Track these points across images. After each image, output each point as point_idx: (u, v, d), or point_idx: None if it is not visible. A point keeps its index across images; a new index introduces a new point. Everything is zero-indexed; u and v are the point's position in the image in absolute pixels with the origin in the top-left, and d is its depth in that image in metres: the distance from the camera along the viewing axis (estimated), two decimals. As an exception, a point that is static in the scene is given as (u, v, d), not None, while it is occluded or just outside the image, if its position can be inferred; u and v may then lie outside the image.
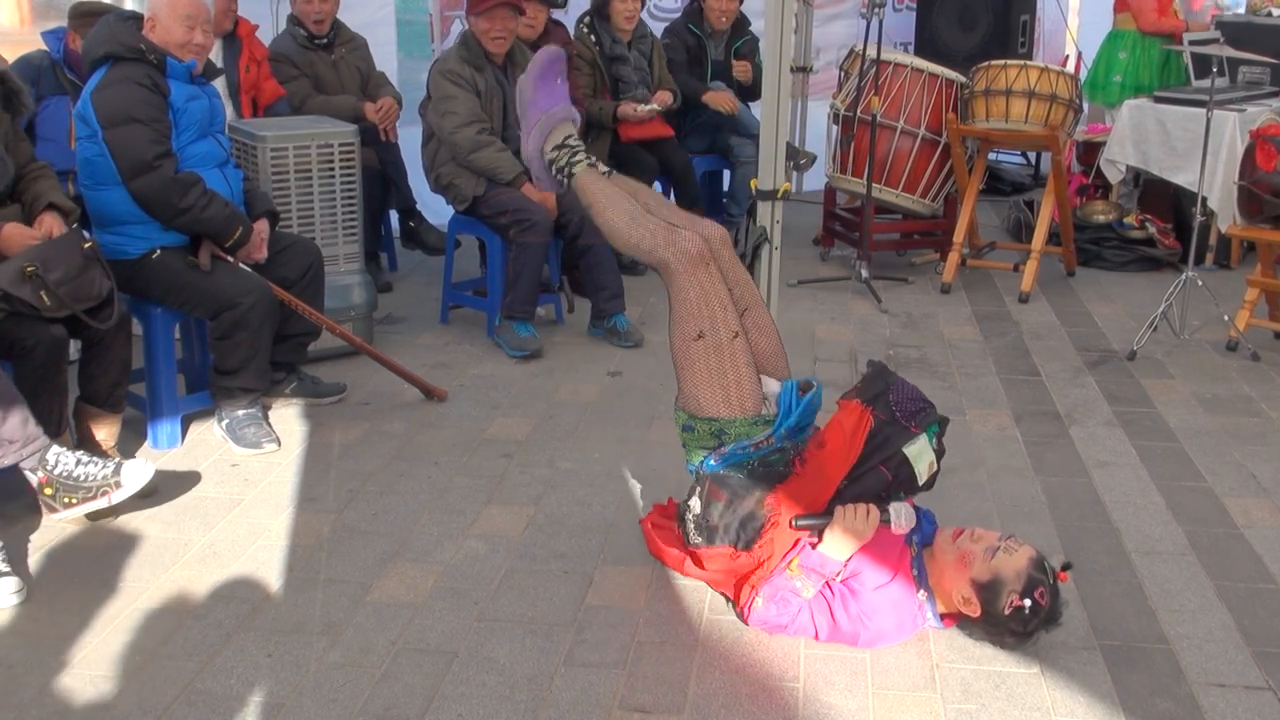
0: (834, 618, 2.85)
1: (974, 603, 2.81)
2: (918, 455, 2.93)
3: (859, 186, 6.08)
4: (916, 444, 2.93)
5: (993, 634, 2.86)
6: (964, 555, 2.84)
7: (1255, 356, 5.05)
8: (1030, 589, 2.76)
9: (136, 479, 3.29)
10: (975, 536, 2.87)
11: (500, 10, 4.95)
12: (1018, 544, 2.84)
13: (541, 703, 2.66)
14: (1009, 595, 2.76)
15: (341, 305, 4.75)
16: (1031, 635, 2.83)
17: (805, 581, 2.87)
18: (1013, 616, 2.77)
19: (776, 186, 3.75)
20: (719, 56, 6.71)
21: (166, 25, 3.86)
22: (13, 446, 3.15)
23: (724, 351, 2.96)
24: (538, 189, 3.50)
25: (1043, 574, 2.79)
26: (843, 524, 2.86)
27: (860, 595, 2.87)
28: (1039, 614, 2.78)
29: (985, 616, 2.81)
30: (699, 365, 2.98)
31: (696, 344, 2.96)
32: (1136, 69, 7.36)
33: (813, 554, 2.88)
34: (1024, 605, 2.75)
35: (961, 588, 2.82)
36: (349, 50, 5.81)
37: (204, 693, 2.68)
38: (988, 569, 2.79)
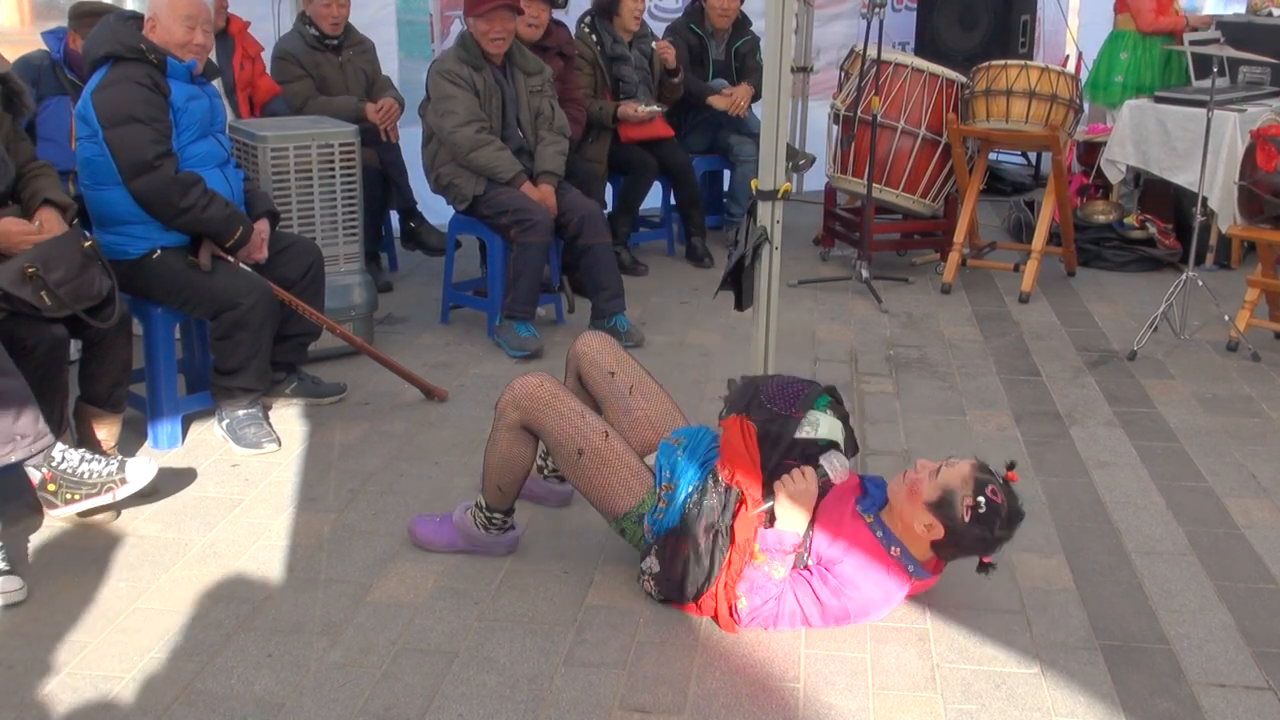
0: (817, 597, 2.88)
1: (935, 525, 2.86)
2: (820, 430, 3.00)
3: (859, 186, 6.08)
4: (809, 423, 3.00)
5: (965, 549, 2.91)
6: (913, 486, 2.90)
7: (1256, 357, 5.05)
8: (980, 488, 2.82)
9: (140, 477, 3.30)
10: (918, 466, 2.93)
11: (499, 12, 4.95)
12: (958, 458, 2.91)
13: (542, 703, 2.66)
14: (962, 501, 2.82)
15: (342, 305, 4.75)
16: (1000, 537, 2.87)
17: (773, 563, 2.89)
18: (972, 521, 2.82)
19: (777, 186, 3.75)
20: (720, 56, 6.72)
21: (167, 25, 3.86)
22: (24, 441, 3.15)
23: (605, 454, 3.06)
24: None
25: (989, 474, 2.86)
26: (785, 493, 2.91)
27: (833, 567, 2.90)
28: (997, 510, 2.83)
29: (949, 533, 2.86)
30: (594, 478, 3.08)
31: (581, 462, 3.06)
32: (1138, 69, 7.36)
33: (769, 534, 2.90)
34: (979, 503, 2.81)
35: (920, 515, 2.87)
36: (357, 53, 5.81)
37: (204, 693, 2.69)
38: (935, 487, 2.86)
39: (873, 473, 3.43)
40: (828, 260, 6.58)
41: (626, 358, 3.42)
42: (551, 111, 5.24)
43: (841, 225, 6.60)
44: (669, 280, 6.18)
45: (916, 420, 4.34)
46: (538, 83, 5.21)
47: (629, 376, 3.36)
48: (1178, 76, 7.34)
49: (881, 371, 4.87)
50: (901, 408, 4.46)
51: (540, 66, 5.25)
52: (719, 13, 6.59)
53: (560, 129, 5.25)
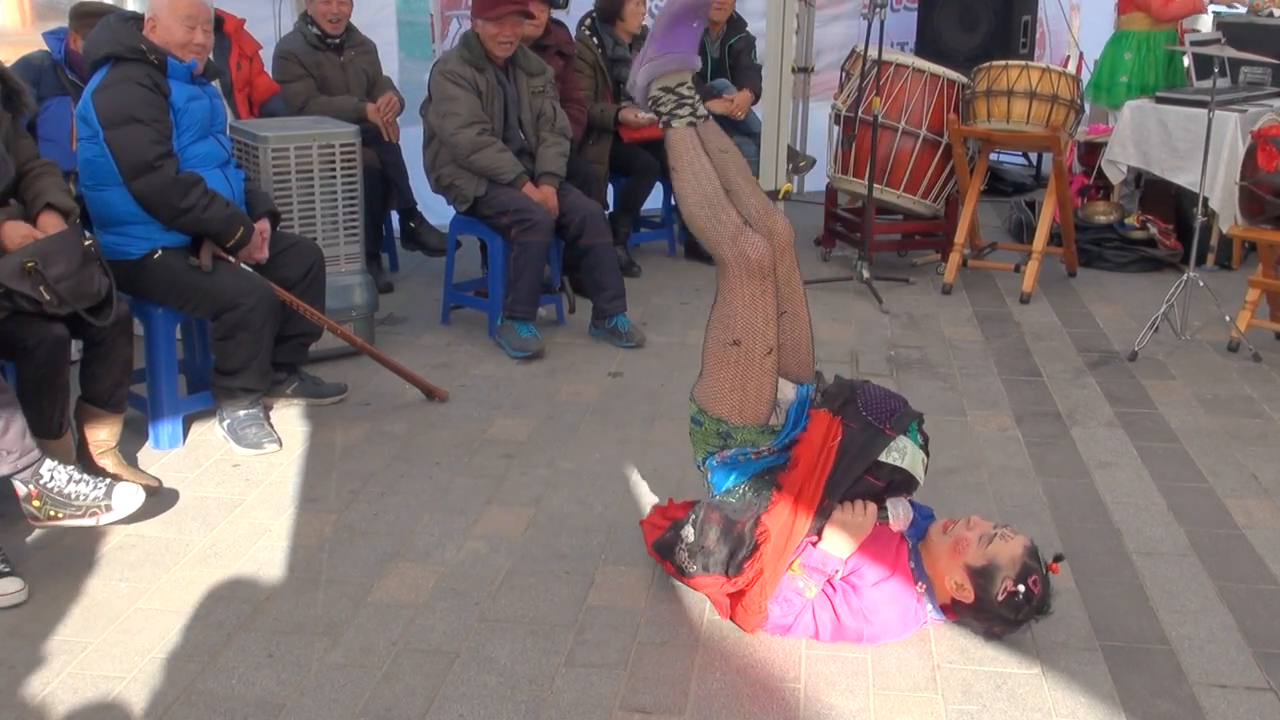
0: (837, 615, 2.86)
1: (967, 588, 2.83)
2: (905, 459, 2.93)
3: (860, 187, 6.08)
4: (897, 448, 2.92)
5: (984, 621, 2.87)
6: (959, 542, 2.86)
7: (1256, 357, 5.05)
8: (1024, 575, 2.78)
9: (127, 505, 3.27)
10: (971, 524, 2.89)
11: (511, 16, 4.95)
12: (1013, 533, 2.87)
13: (542, 703, 2.66)
14: (1003, 581, 2.78)
15: (343, 305, 4.76)
16: (1022, 623, 2.85)
17: (808, 581, 2.87)
18: (1006, 602, 2.79)
19: (778, 187, 3.75)
20: (716, 54, 6.71)
21: (167, 25, 3.86)
22: (10, 457, 3.15)
23: (753, 364, 2.98)
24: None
25: (1036, 562, 2.82)
26: (841, 520, 2.88)
27: (861, 591, 2.88)
28: (1031, 601, 2.80)
29: (978, 602, 2.82)
30: (726, 369, 2.99)
31: (730, 349, 2.98)
32: (1143, 70, 7.34)
33: (814, 552, 2.88)
34: (1018, 591, 2.77)
35: (956, 573, 2.84)
36: (358, 53, 5.81)
37: (205, 693, 2.69)
38: (983, 555, 2.81)
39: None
40: (829, 261, 6.58)
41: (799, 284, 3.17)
42: (553, 113, 5.24)
43: (842, 226, 6.59)
44: (670, 280, 6.18)
45: (917, 421, 4.34)
46: (540, 84, 5.21)
47: (794, 300, 3.15)
48: (1182, 77, 7.34)
49: (882, 372, 4.87)
50: (902, 408, 4.46)
51: (543, 67, 5.25)
52: (715, 8, 6.58)
53: (562, 130, 5.25)
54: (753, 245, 2.95)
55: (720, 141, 3.21)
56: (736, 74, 6.72)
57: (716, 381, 3.01)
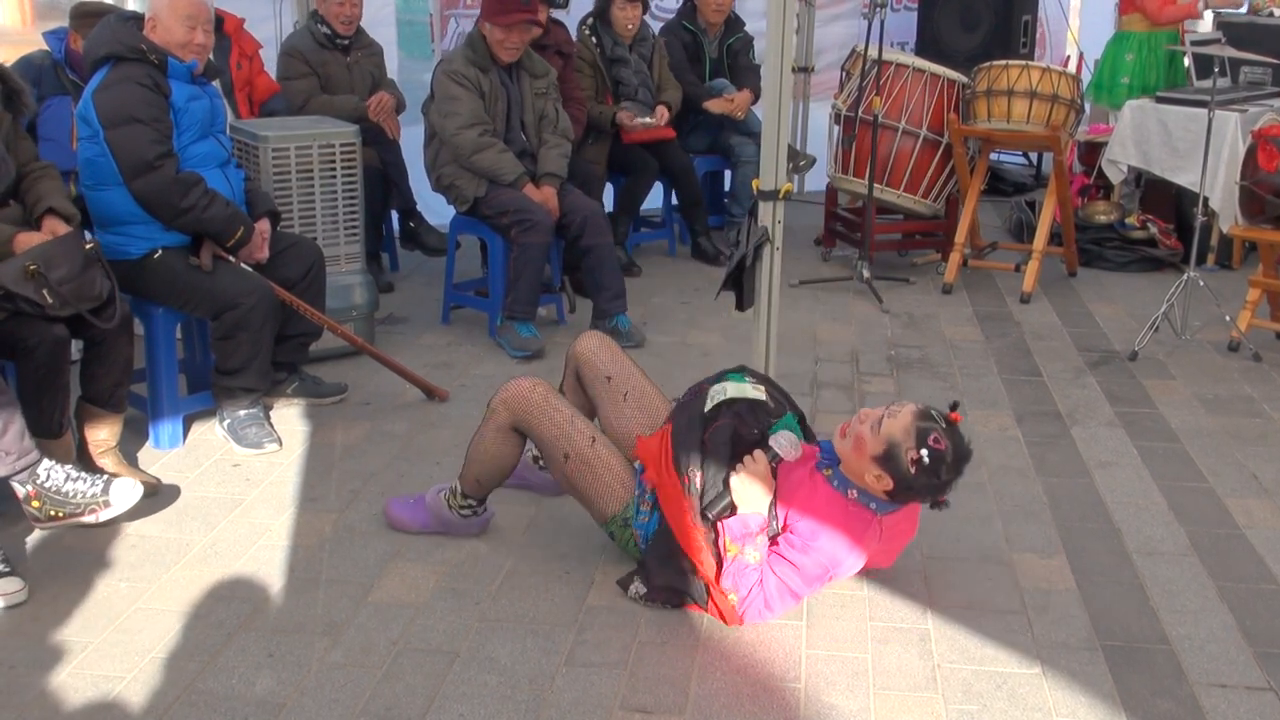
0: (791, 561, 2.88)
1: (884, 476, 2.85)
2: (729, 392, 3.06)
3: (860, 187, 6.08)
4: (717, 389, 3.08)
5: (916, 496, 2.91)
6: (857, 440, 2.88)
7: (1257, 357, 5.05)
8: (923, 438, 2.80)
9: (125, 500, 3.27)
10: (860, 418, 2.92)
11: (521, 24, 4.96)
12: (900, 405, 2.88)
13: (543, 703, 2.66)
14: (906, 454, 2.80)
15: (343, 305, 4.75)
16: (948, 481, 2.86)
17: (745, 549, 2.89)
18: (918, 472, 2.81)
19: (778, 186, 3.75)
20: (714, 54, 6.71)
21: (167, 25, 3.86)
22: (9, 458, 3.15)
23: (589, 459, 3.09)
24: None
25: (931, 421, 2.83)
26: (740, 478, 2.92)
27: (795, 527, 2.91)
28: (942, 457, 2.81)
29: (897, 484, 2.85)
30: (581, 482, 3.12)
31: (567, 464, 3.10)
32: (1144, 70, 7.34)
33: (731, 522, 2.91)
34: (921, 456, 2.79)
35: (869, 469, 2.86)
36: (365, 55, 5.81)
37: (205, 692, 2.69)
38: (879, 441, 2.84)
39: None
40: (829, 260, 6.58)
41: (624, 361, 3.42)
42: (555, 114, 5.24)
43: (843, 225, 6.60)
44: (670, 280, 6.18)
45: (917, 420, 4.34)
46: (543, 85, 5.22)
47: (625, 382, 3.37)
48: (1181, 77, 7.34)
49: (883, 372, 4.87)
50: (902, 408, 4.46)
51: (546, 69, 5.25)
52: (713, 8, 6.59)
53: (564, 131, 5.25)
54: (497, 398, 3.19)
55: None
56: (735, 73, 6.72)
57: (587, 497, 3.16)
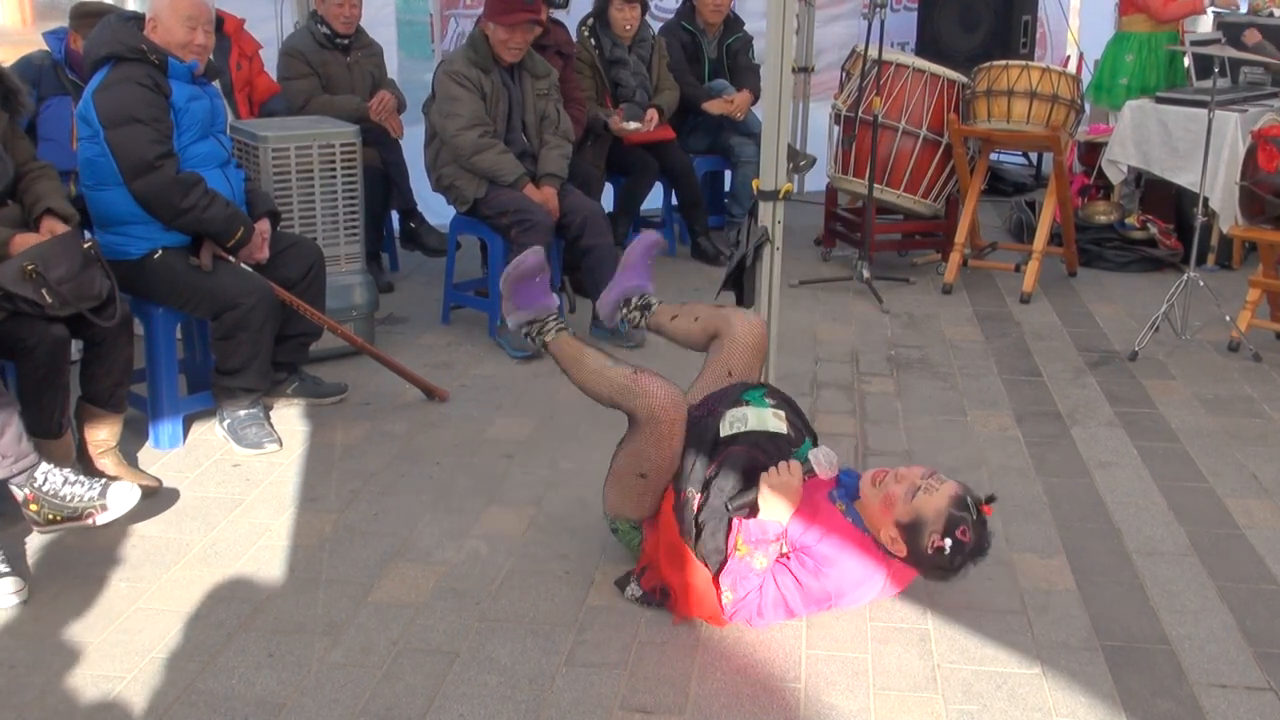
0: (798, 580, 2.87)
1: (899, 543, 2.85)
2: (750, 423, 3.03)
3: (860, 187, 6.08)
4: (736, 415, 3.05)
5: (922, 571, 2.91)
6: (888, 498, 2.87)
7: (1257, 357, 5.05)
8: (951, 528, 2.79)
9: (122, 503, 3.25)
10: (898, 477, 2.90)
11: (524, 24, 4.95)
12: (939, 481, 2.86)
13: (543, 703, 2.66)
14: (930, 535, 2.80)
15: (343, 305, 4.75)
16: (958, 570, 2.86)
17: (755, 554, 2.88)
18: (935, 555, 2.81)
19: (778, 187, 3.75)
20: (713, 54, 6.71)
21: (168, 25, 3.86)
22: (5, 461, 3.14)
23: (656, 489, 3.05)
24: None
25: (965, 511, 2.81)
26: (770, 484, 2.89)
27: (811, 549, 2.89)
28: (962, 550, 2.81)
29: (910, 554, 2.85)
30: (630, 491, 3.09)
31: (638, 480, 3.06)
32: (1143, 71, 7.34)
33: (751, 524, 2.89)
34: (944, 545, 2.79)
35: (886, 528, 2.86)
36: (365, 55, 5.81)
37: (205, 692, 2.69)
38: (909, 509, 2.82)
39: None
40: (829, 260, 6.58)
41: (755, 371, 3.36)
42: (557, 115, 5.24)
43: (843, 225, 6.59)
44: (670, 281, 6.17)
45: (917, 420, 4.34)
46: (544, 86, 5.22)
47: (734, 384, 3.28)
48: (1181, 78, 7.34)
49: (883, 372, 4.87)
50: (902, 408, 4.46)
51: (548, 70, 5.25)
52: (711, 8, 6.58)
53: (565, 132, 5.25)
54: (650, 393, 3.00)
55: (669, 310, 3.51)
56: (734, 74, 6.72)
57: (620, 499, 3.13)
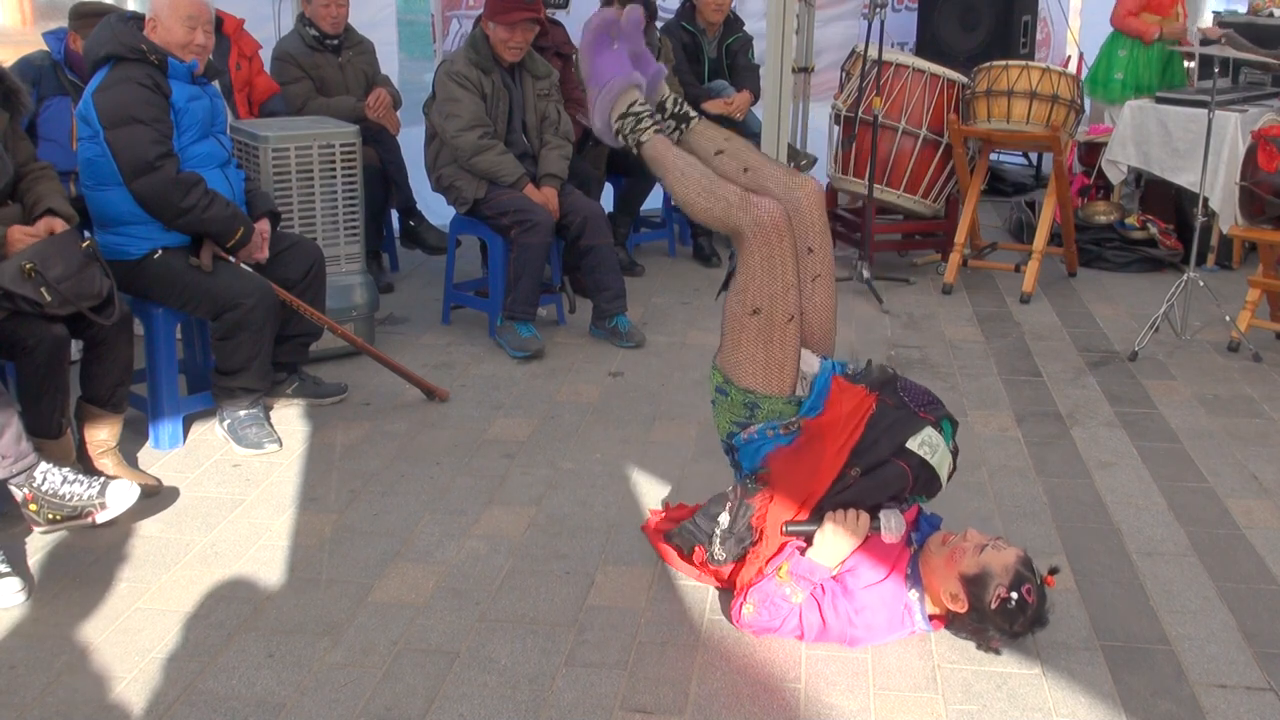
0: (824, 620, 2.86)
1: (961, 598, 2.82)
2: (935, 455, 2.92)
3: (860, 187, 6.08)
4: (928, 441, 2.91)
5: (979, 631, 2.85)
6: (954, 553, 2.85)
7: (1257, 357, 5.05)
8: (1018, 583, 2.76)
9: (121, 501, 3.26)
10: (967, 536, 2.88)
11: (523, 23, 4.95)
12: (1007, 544, 2.86)
13: (543, 703, 2.66)
14: (995, 588, 2.77)
15: (343, 305, 4.76)
16: (1018, 634, 2.82)
17: (794, 588, 2.86)
18: (999, 610, 2.77)
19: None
20: (713, 54, 6.71)
21: (168, 25, 3.86)
22: (5, 461, 3.14)
23: (775, 332, 2.92)
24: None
25: (1030, 572, 2.80)
26: (832, 526, 2.86)
27: (852, 593, 2.87)
28: (1025, 610, 2.77)
29: (972, 611, 2.81)
30: (747, 337, 2.94)
31: (751, 318, 2.91)
32: (1136, 66, 7.36)
33: (802, 560, 2.87)
34: (1010, 598, 2.75)
35: (950, 583, 2.83)
36: (356, 53, 5.81)
37: (205, 693, 2.69)
38: (975, 563, 2.80)
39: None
40: (829, 261, 6.57)
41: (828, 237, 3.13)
42: (557, 116, 5.24)
43: (843, 226, 6.60)
44: (670, 281, 6.18)
45: (917, 421, 4.34)
46: (545, 86, 5.22)
47: (822, 262, 3.09)
48: (1179, 77, 7.34)
49: (882, 372, 4.87)
50: (902, 408, 4.46)
51: (548, 70, 5.25)
52: (712, 8, 6.58)
53: (565, 133, 5.25)
54: (761, 207, 2.88)
55: (714, 140, 3.19)
56: (734, 74, 6.72)
57: (738, 351, 2.95)
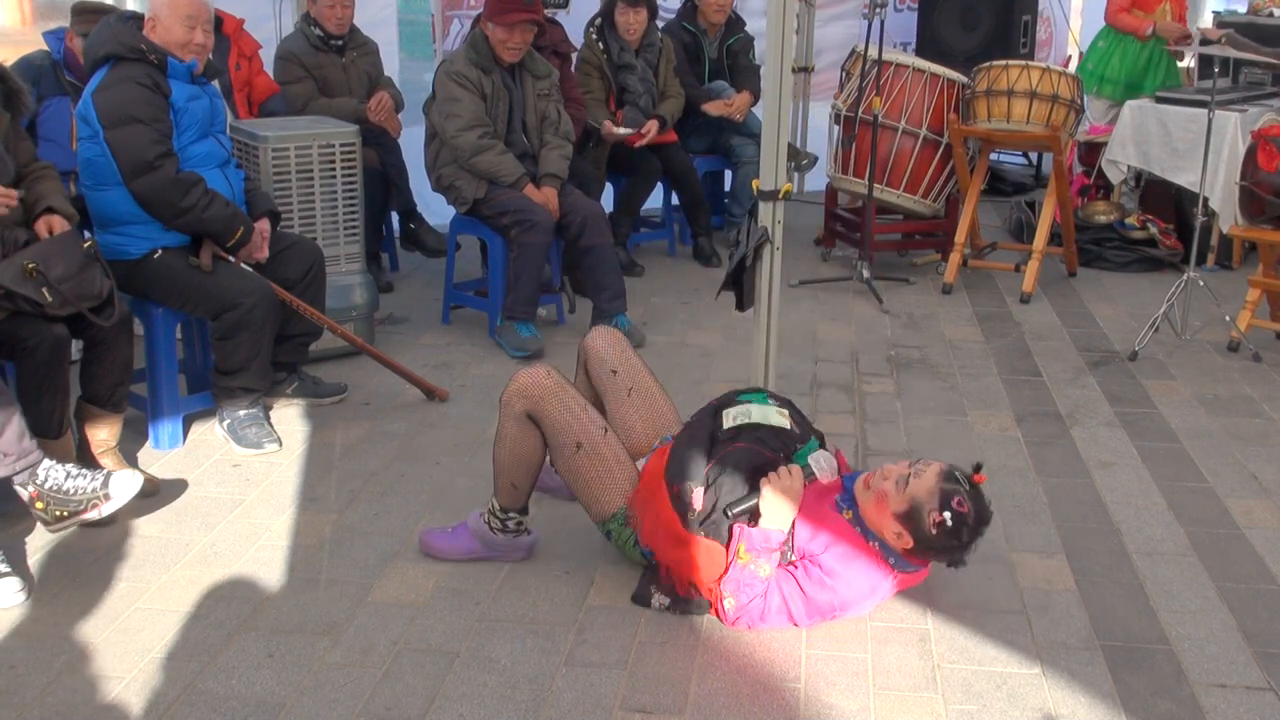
0: (803, 590, 2.87)
1: (904, 535, 2.85)
2: (753, 414, 3.03)
3: (860, 187, 6.08)
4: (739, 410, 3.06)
5: (936, 556, 2.90)
6: (879, 495, 2.88)
7: (1257, 357, 5.05)
8: (946, 501, 2.79)
9: (125, 491, 3.25)
10: (885, 474, 2.91)
11: (523, 24, 4.95)
12: (925, 464, 2.88)
13: (543, 703, 2.66)
14: (929, 515, 2.80)
15: (343, 305, 4.76)
16: (968, 543, 2.86)
17: (759, 562, 2.88)
18: (940, 533, 2.81)
19: (778, 187, 3.75)
20: (714, 55, 6.71)
21: (167, 25, 3.86)
22: (7, 460, 3.14)
23: (600, 451, 3.08)
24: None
25: (955, 483, 2.83)
26: (771, 490, 2.89)
27: (818, 558, 2.90)
28: (964, 520, 2.81)
29: (917, 543, 2.85)
30: (589, 474, 3.10)
31: (578, 456, 3.07)
32: (1109, 58, 7.38)
33: (754, 532, 2.89)
34: (944, 519, 2.79)
35: (890, 524, 2.86)
36: (360, 54, 5.81)
37: (205, 692, 2.69)
38: (902, 499, 2.83)
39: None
40: (829, 260, 6.58)
41: (632, 357, 3.43)
42: (557, 115, 5.24)
43: (842, 225, 6.60)
44: (670, 281, 6.18)
45: (917, 421, 4.34)
46: (545, 86, 5.22)
47: (630, 378, 3.37)
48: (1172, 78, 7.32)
49: (882, 372, 4.87)
50: (902, 408, 4.46)
51: (548, 70, 5.25)
52: (715, 8, 6.58)
53: (565, 133, 5.25)
54: (522, 382, 3.11)
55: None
56: (735, 74, 6.72)
57: (592, 490, 3.12)
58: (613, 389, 3.37)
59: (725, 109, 6.51)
